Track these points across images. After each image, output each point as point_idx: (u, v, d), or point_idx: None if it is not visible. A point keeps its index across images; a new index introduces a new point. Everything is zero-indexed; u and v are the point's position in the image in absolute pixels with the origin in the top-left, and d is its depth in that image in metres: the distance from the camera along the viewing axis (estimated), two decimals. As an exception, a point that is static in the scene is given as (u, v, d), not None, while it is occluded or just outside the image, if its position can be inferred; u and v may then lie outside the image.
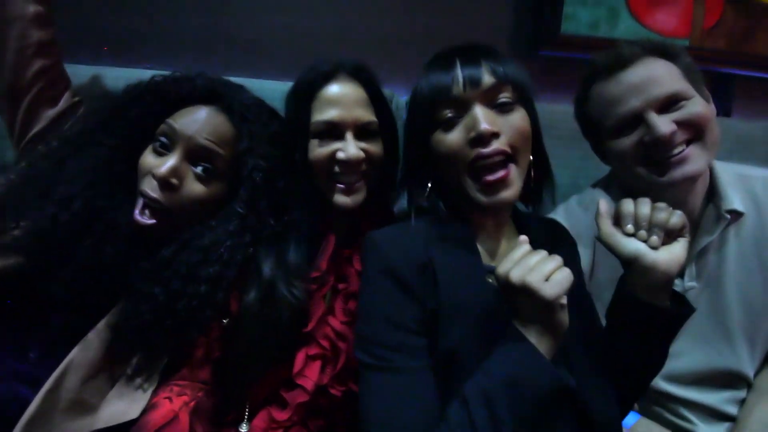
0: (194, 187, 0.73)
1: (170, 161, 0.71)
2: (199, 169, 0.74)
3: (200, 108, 0.76)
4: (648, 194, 0.81)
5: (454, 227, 0.68)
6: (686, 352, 0.85)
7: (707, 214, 0.86)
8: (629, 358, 0.65)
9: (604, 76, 0.83)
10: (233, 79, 0.85)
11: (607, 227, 0.64)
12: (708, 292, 0.86)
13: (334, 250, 0.80)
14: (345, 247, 0.82)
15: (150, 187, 0.71)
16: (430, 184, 0.70)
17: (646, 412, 0.90)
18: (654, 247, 0.61)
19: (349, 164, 0.77)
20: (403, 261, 0.62)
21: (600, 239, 0.65)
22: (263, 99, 0.85)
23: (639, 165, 0.81)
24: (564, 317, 0.55)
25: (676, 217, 0.62)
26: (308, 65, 0.83)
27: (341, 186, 0.79)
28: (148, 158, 0.73)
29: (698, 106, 0.79)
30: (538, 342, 0.54)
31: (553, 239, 0.76)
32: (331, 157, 0.77)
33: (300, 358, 0.74)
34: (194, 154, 0.73)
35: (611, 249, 0.64)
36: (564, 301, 0.54)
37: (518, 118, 0.64)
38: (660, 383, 0.87)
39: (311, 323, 0.76)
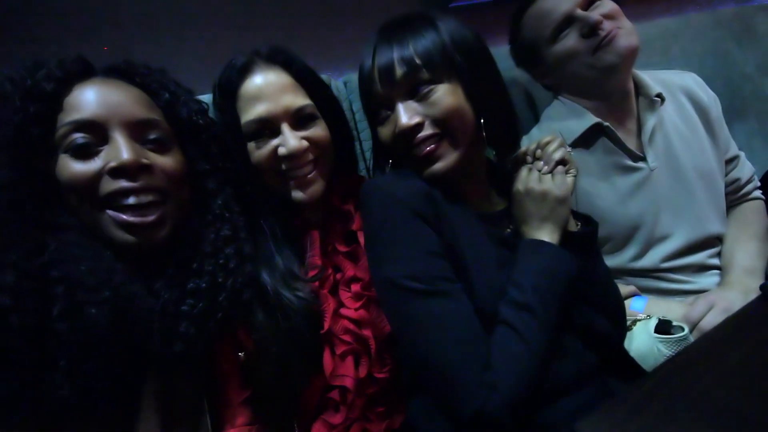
0: (163, 160, 0.62)
1: (120, 146, 0.58)
2: (150, 144, 0.62)
3: (90, 85, 0.60)
4: (595, 89, 0.97)
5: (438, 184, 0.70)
6: (674, 232, 0.96)
7: (641, 105, 1.00)
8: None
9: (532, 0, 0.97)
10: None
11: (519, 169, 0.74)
12: (668, 169, 0.97)
13: (321, 242, 0.77)
14: (327, 234, 0.79)
15: (121, 185, 0.57)
16: (390, 161, 0.75)
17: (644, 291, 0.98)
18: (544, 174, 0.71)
19: (293, 158, 0.71)
20: (409, 191, 0.65)
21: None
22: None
23: (586, 56, 0.92)
24: (568, 213, 0.69)
25: (559, 152, 0.71)
26: (224, 64, 0.76)
27: (297, 182, 0.74)
28: (78, 169, 0.57)
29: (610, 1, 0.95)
30: (551, 237, 0.66)
31: None
32: (274, 156, 0.72)
33: (327, 360, 0.71)
34: (134, 131, 0.60)
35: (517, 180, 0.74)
36: (572, 197, 0.69)
37: (441, 96, 0.65)
38: (660, 265, 0.97)
39: (326, 323, 0.72)
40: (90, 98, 0.59)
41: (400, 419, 0.74)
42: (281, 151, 0.71)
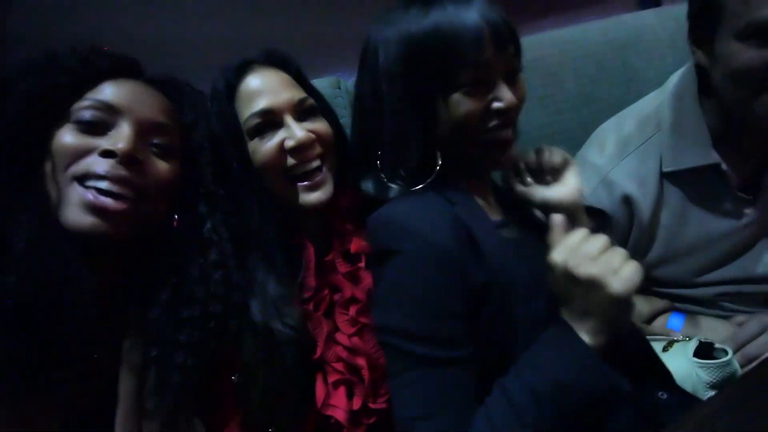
0: (159, 165, 0.61)
1: (124, 134, 0.58)
2: (154, 147, 0.61)
3: (127, 81, 0.63)
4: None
5: (457, 192, 0.63)
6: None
7: None
8: None
9: None
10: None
11: (514, 184, 0.70)
12: None
13: (316, 261, 0.72)
14: (323, 253, 0.73)
15: (104, 168, 0.56)
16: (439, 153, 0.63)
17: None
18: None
19: (301, 150, 0.68)
20: (441, 233, 0.55)
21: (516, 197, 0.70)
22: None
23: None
24: (629, 315, 0.51)
25: (557, 155, 0.68)
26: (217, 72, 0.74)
27: (303, 184, 0.70)
28: (74, 139, 0.57)
29: None
30: (592, 338, 0.50)
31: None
32: (280, 150, 0.68)
33: (319, 387, 0.67)
34: (144, 129, 0.60)
35: (528, 202, 0.70)
36: (633, 299, 0.49)
37: (522, 83, 0.63)
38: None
39: (319, 348, 0.68)
40: (115, 88, 0.61)
41: None
42: (288, 143, 0.68)
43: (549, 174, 0.68)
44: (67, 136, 0.57)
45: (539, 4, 1.42)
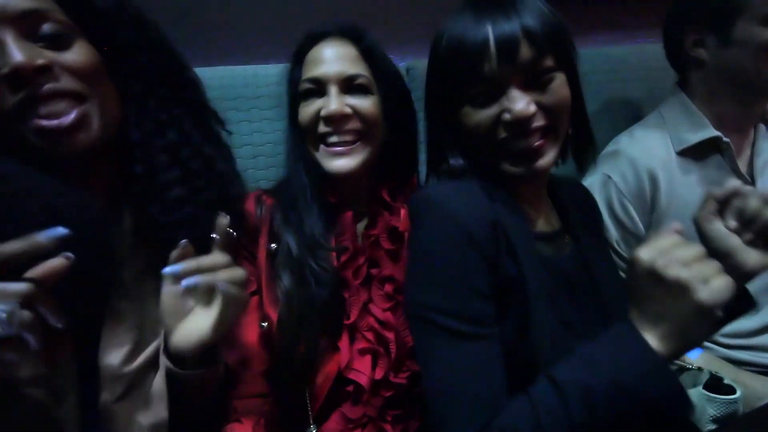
0: (62, 56, 0.53)
1: (9, 47, 0.50)
2: (42, 41, 0.53)
3: None
4: (743, 96, 0.92)
5: (499, 191, 0.63)
6: None
7: (758, 131, 1.00)
8: None
9: None
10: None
11: (706, 212, 0.57)
12: None
13: (355, 229, 0.76)
14: (369, 227, 0.77)
15: (20, 97, 0.50)
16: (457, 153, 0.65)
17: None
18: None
19: (332, 120, 0.71)
20: (473, 218, 0.56)
21: (696, 220, 0.58)
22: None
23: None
24: (709, 329, 0.48)
25: None
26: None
27: (331, 150, 0.73)
28: None
29: None
30: (659, 344, 0.47)
31: (577, 201, 0.75)
32: (315, 117, 0.73)
33: (344, 349, 0.71)
34: (23, 24, 0.52)
35: (706, 236, 0.57)
36: (720, 313, 0.45)
37: (558, 86, 0.58)
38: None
39: (353, 314, 0.72)
40: None
41: (415, 425, 0.73)
42: (322, 112, 0.71)
43: (754, 231, 0.54)
44: None
45: (595, 18, 1.40)
